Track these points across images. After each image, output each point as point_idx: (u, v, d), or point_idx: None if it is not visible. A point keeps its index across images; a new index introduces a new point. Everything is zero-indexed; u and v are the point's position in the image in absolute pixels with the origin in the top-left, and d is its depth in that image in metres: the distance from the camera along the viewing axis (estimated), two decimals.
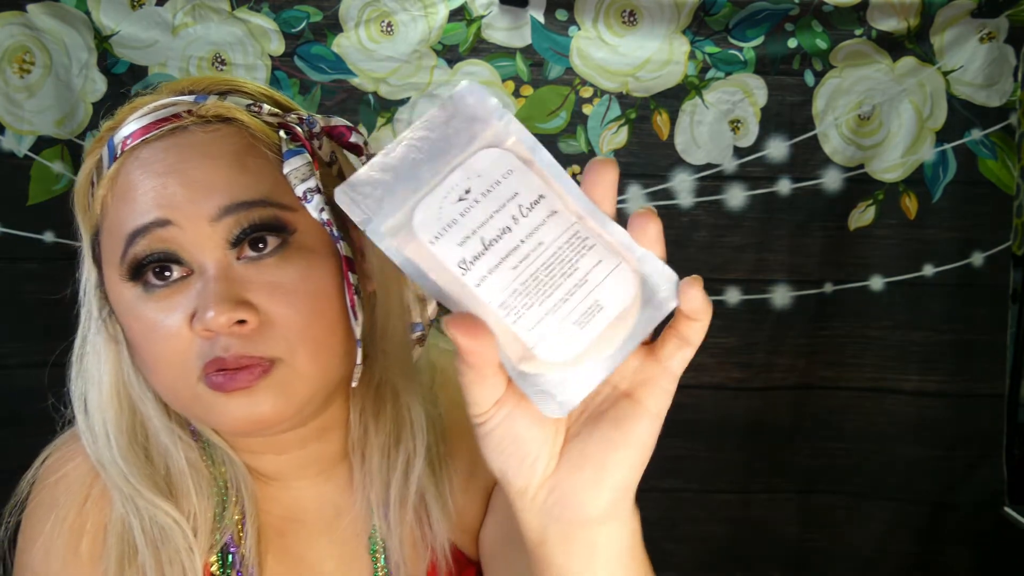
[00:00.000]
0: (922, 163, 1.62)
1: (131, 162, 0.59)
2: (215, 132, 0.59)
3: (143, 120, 0.60)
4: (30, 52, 1.58)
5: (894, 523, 1.67)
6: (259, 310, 0.55)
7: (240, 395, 0.55)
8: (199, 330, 0.55)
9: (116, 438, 0.63)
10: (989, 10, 1.55)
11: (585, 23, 1.59)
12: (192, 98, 0.61)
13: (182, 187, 0.56)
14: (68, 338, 1.78)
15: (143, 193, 0.57)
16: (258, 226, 0.56)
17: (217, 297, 0.54)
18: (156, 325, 0.57)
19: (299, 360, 0.56)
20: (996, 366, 1.65)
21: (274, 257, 0.57)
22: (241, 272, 0.56)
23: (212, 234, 0.56)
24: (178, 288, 0.57)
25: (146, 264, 0.57)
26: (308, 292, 0.57)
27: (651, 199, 1.63)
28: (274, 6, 1.57)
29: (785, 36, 1.58)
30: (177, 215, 0.56)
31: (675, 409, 1.91)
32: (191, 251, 0.57)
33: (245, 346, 0.55)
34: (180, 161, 0.57)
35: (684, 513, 1.66)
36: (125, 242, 0.58)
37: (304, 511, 0.67)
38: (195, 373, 0.56)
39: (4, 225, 1.61)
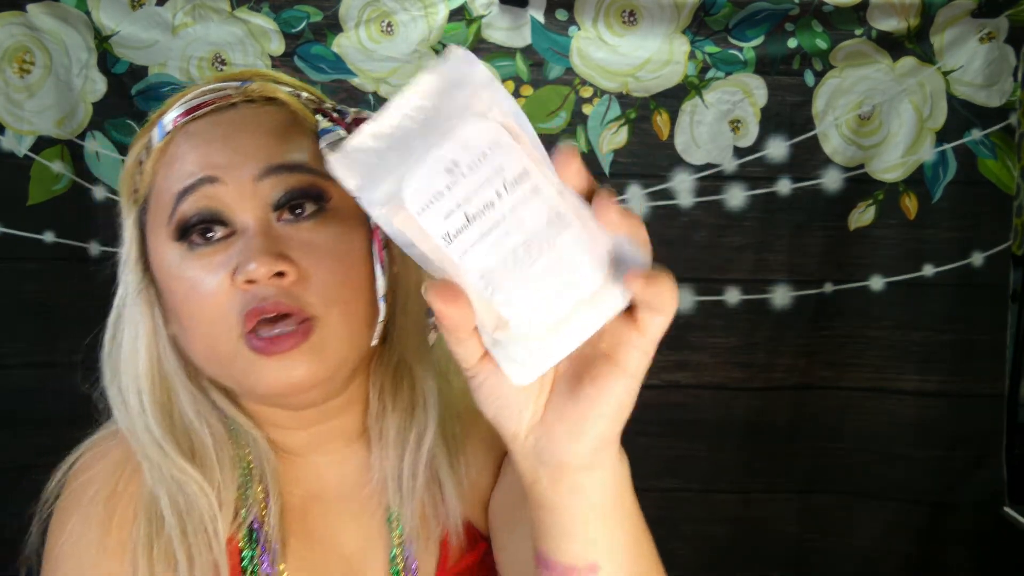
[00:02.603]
0: (922, 163, 1.62)
1: (180, 135, 0.63)
2: (262, 108, 0.64)
3: (192, 101, 0.64)
4: (30, 52, 1.58)
5: (894, 523, 1.67)
6: (298, 266, 0.58)
7: (278, 358, 0.58)
8: (240, 282, 0.58)
9: (149, 408, 0.65)
10: (989, 10, 1.55)
11: (585, 23, 1.59)
12: (238, 84, 0.65)
13: (229, 150, 0.61)
14: (68, 338, 1.78)
15: (192, 158, 0.61)
16: (297, 191, 0.60)
17: (258, 251, 0.57)
18: (199, 282, 0.59)
19: (333, 319, 0.59)
20: (996, 366, 1.65)
21: (311, 220, 0.60)
22: (280, 231, 0.60)
23: (255, 193, 0.60)
24: (221, 247, 0.60)
25: (193, 224, 0.60)
26: (341, 254, 0.61)
27: (651, 199, 1.63)
28: (274, 6, 1.57)
29: (785, 36, 1.58)
30: (223, 173, 0.60)
31: (675, 409, 1.91)
32: (234, 209, 0.60)
33: (283, 297, 0.58)
34: (227, 131, 0.62)
35: (684, 513, 1.66)
36: (174, 200, 0.61)
37: (324, 488, 0.69)
38: (236, 329, 0.58)
39: (4, 225, 1.61)
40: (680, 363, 1.65)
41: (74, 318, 1.64)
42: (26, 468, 1.66)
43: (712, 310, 1.65)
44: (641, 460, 1.80)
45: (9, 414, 1.64)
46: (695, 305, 1.64)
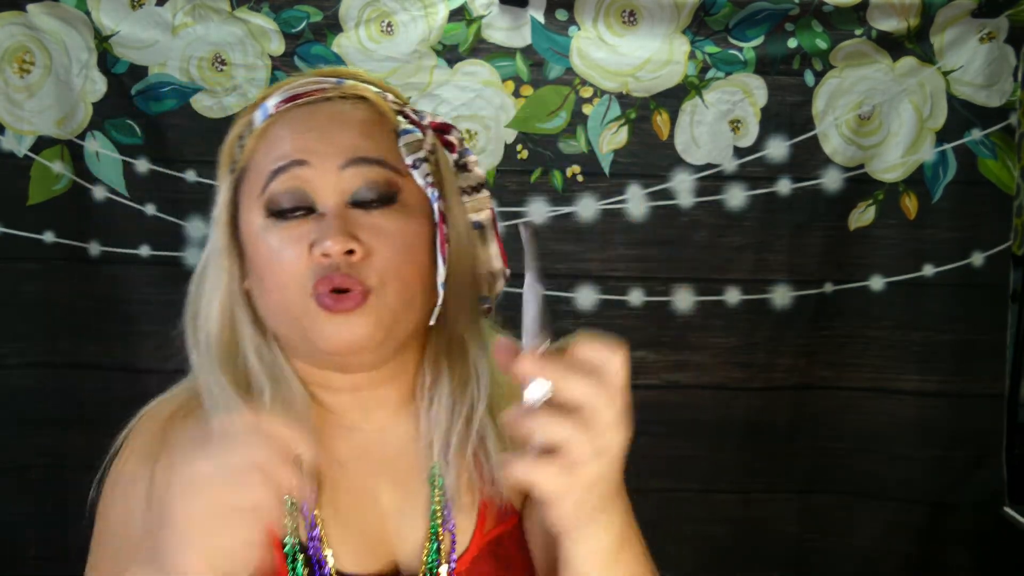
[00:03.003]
0: (922, 163, 1.62)
1: (280, 120, 0.73)
2: (354, 105, 0.73)
3: (293, 90, 0.74)
4: (30, 52, 1.58)
5: (894, 523, 1.67)
6: (365, 245, 0.68)
7: (341, 317, 0.67)
8: (317, 255, 0.67)
9: (215, 347, 0.73)
10: (989, 10, 1.55)
11: (585, 23, 1.59)
12: (335, 80, 0.74)
13: (320, 140, 0.70)
14: (68, 338, 1.79)
15: (288, 141, 0.71)
16: (373, 183, 0.70)
17: (335, 230, 0.67)
18: (281, 249, 0.69)
19: (389, 292, 0.68)
20: (996, 366, 1.65)
21: (380, 209, 0.70)
22: (353, 215, 0.69)
23: (337, 180, 0.69)
24: (301, 222, 0.69)
25: (282, 199, 0.69)
26: (403, 239, 0.70)
27: (651, 199, 1.63)
28: (274, 6, 1.57)
29: (785, 36, 1.58)
30: (312, 158, 0.69)
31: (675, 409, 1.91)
32: (317, 191, 0.69)
33: (351, 270, 0.67)
34: (321, 122, 0.72)
35: (684, 513, 1.66)
36: (267, 178, 0.70)
37: (367, 448, 0.76)
38: (308, 290, 0.67)
39: (4, 225, 1.61)
40: (680, 363, 1.65)
41: (74, 318, 1.65)
42: (26, 468, 1.66)
43: (712, 310, 1.65)
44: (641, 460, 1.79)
45: (9, 414, 1.64)
46: (695, 305, 1.64)
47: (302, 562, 0.70)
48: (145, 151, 1.61)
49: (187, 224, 1.62)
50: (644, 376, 1.65)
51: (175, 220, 1.62)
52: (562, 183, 1.63)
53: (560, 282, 1.64)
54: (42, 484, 1.65)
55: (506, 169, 1.62)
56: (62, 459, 1.64)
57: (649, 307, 1.64)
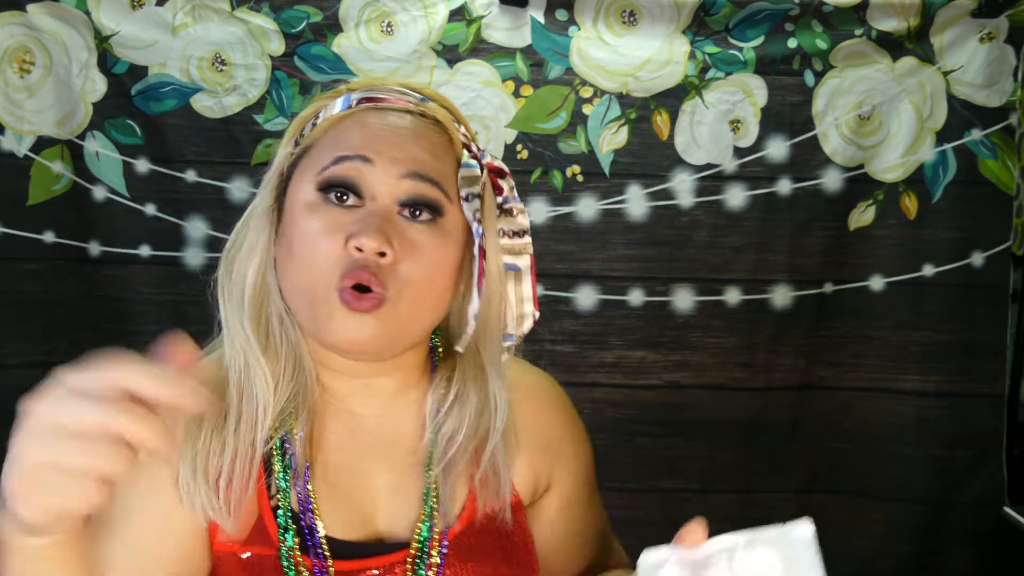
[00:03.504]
0: (922, 163, 1.62)
1: (360, 115, 0.76)
2: (428, 125, 0.77)
3: (379, 93, 0.78)
4: (30, 52, 1.58)
5: (894, 523, 1.67)
6: (397, 252, 0.70)
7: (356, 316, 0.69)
8: (352, 247, 0.69)
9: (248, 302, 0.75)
10: (989, 10, 1.55)
11: (585, 23, 1.59)
12: (420, 97, 0.79)
13: (390, 146, 0.73)
14: (68, 338, 1.79)
15: (360, 135, 0.74)
16: (423, 198, 0.73)
17: (376, 229, 0.70)
18: (321, 232, 0.71)
19: (402, 304, 0.71)
20: (996, 366, 1.65)
21: (422, 225, 0.73)
22: (396, 222, 0.72)
23: (394, 185, 0.72)
24: (347, 212, 0.72)
25: (336, 184, 0.72)
26: (433, 260, 0.73)
27: (651, 199, 1.63)
28: (274, 6, 1.57)
29: (785, 36, 1.58)
30: (377, 159, 0.72)
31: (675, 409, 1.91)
32: (372, 188, 0.72)
33: (379, 274, 0.70)
34: (397, 130, 0.75)
35: (684, 513, 1.65)
36: (332, 160, 0.73)
37: (364, 432, 0.79)
38: (334, 281, 0.70)
39: (4, 225, 1.61)
40: (680, 363, 1.65)
41: (74, 318, 1.65)
42: None
43: (712, 310, 1.65)
44: (641, 460, 1.79)
45: (9, 414, 1.64)
46: (695, 305, 1.64)
47: (294, 532, 0.72)
48: (145, 151, 1.61)
49: (187, 224, 1.62)
50: (644, 376, 1.65)
51: (175, 220, 1.62)
52: (562, 183, 1.63)
53: (560, 282, 1.64)
54: None
55: None
56: None
57: (649, 307, 1.64)
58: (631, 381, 1.65)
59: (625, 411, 1.65)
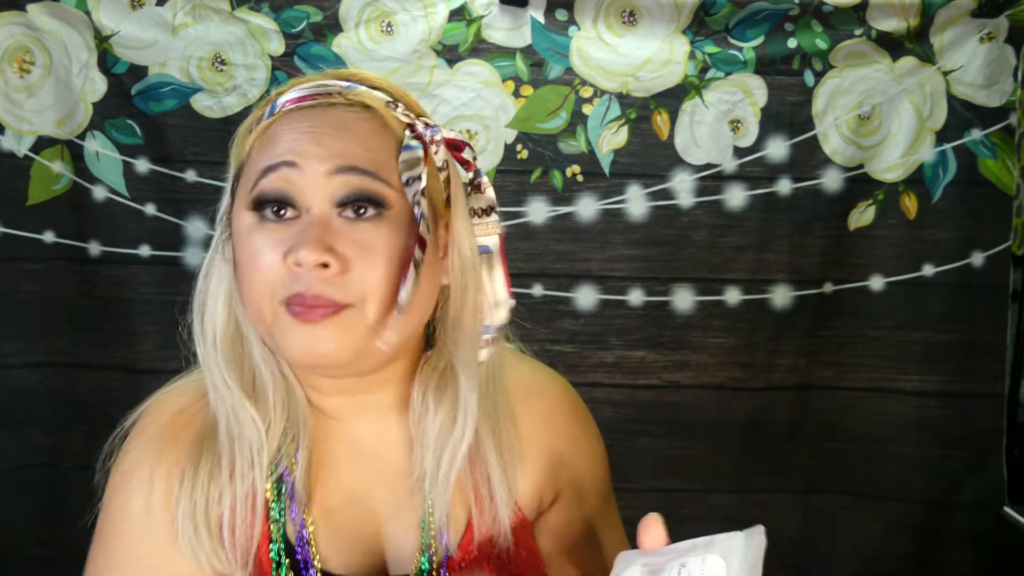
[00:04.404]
0: (922, 163, 1.62)
1: (282, 120, 0.71)
2: (358, 113, 0.71)
3: (302, 91, 0.72)
4: (30, 52, 1.58)
5: (894, 523, 1.67)
6: (343, 260, 0.65)
7: (311, 327, 0.65)
8: (290, 263, 0.65)
9: (221, 343, 0.72)
10: (989, 10, 1.55)
11: (585, 23, 1.59)
12: (346, 84, 0.72)
13: (313, 144, 0.68)
14: (68, 338, 1.79)
15: (283, 142, 0.69)
16: (360, 192, 0.67)
17: (310, 239, 0.64)
18: (259, 252, 0.67)
19: (368, 309, 0.66)
20: (996, 366, 1.65)
21: (368, 222, 0.67)
22: (338, 226, 0.66)
23: (325, 185, 0.67)
24: (285, 226, 0.67)
25: (268, 199, 0.68)
26: (389, 256, 0.66)
27: (651, 199, 1.63)
28: (274, 6, 1.57)
29: (785, 36, 1.58)
30: (302, 161, 0.67)
31: (675, 409, 1.91)
32: (305, 195, 0.67)
33: (323, 287, 0.64)
34: (319, 126, 0.69)
35: (684, 513, 1.66)
36: (258, 175, 0.68)
37: (362, 450, 0.75)
38: (279, 297, 0.66)
39: (4, 225, 1.61)
40: (680, 363, 1.65)
41: (74, 318, 1.65)
42: (26, 468, 1.66)
43: (712, 310, 1.65)
44: (641, 460, 1.80)
45: (9, 414, 1.64)
46: (695, 305, 1.64)
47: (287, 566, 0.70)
48: (145, 151, 1.61)
49: (187, 224, 1.62)
50: (644, 376, 1.65)
51: (175, 220, 1.62)
52: (562, 183, 1.63)
53: (560, 282, 1.64)
54: (42, 484, 1.65)
55: (506, 169, 1.62)
56: (62, 459, 1.64)
57: (649, 307, 1.64)
58: (631, 381, 1.65)
59: (625, 411, 1.65)
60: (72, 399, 1.65)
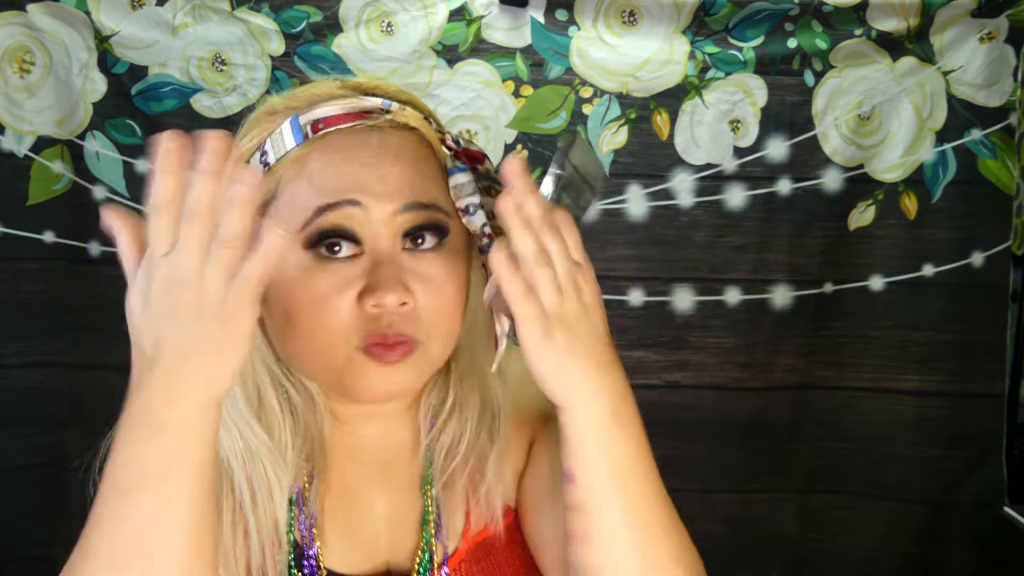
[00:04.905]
0: (922, 163, 1.62)
1: (322, 147, 0.66)
2: (403, 136, 0.68)
3: (335, 109, 0.68)
4: (30, 52, 1.58)
5: (894, 523, 1.67)
6: (415, 296, 0.65)
7: (389, 368, 0.64)
8: (370, 306, 0.63)
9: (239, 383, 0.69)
10: (989, 10, 1.55)
11: (585, 23, 1.59)
12: (380, 102, 0.69)
13: (376, 179, 0.65)
14: (68, 338, 1.78)
15: (337, 176, 0.65)
16: (427, 225, 0.66)
17: (392, 281, 0.63)
18: (326, 295, 0.64)
19: (433, 344, 0.67)
20: (996, 366, 1.65)
21: (431, 253, 0.66)
22: (404, 260, 0.65)
23: (392, 223, 0.65)
24: (348, 264, 0.65)
25: (327, 235, 0.64)
26: (451, 287, 0.67)
27: (651, 199, 1.63)
28: (274, 6, 1.57)
29: (785, 36, 1.58)
30: (366, 199, 0.64)
31: (675, 409, 1.91)
32: (370, 232, 0.65)
33: (403, 325, 0.64)
34: (376, 156, 0.66)
35: (684, 513, 1.66)
36: (313, 213, 0.64)
37: (365, 452, 0.75)
38: (355, 342, 0.64)
39: (4, 225, 1.61)
40: (680, 363, 1.65)
41: (74, 318, 1.65)
42: (26, 468, 1.66)
43: (712, 310, 1.65)
44: None
45: (9, 414, 1.64)
46: (695, 305, 1.64)
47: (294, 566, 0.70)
48: (145, 151, 1.61)
49: None
50: (644, 376, 1.65)
51: None
52: None
53: None
54: (42, 484, 1.65)
55: None
56: (62, 459, 1.64)
57: (649, 307, 1.64)
58: (631, 381, 1.65)
59: None
60: (72, 399, 1.65)
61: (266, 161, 0.68)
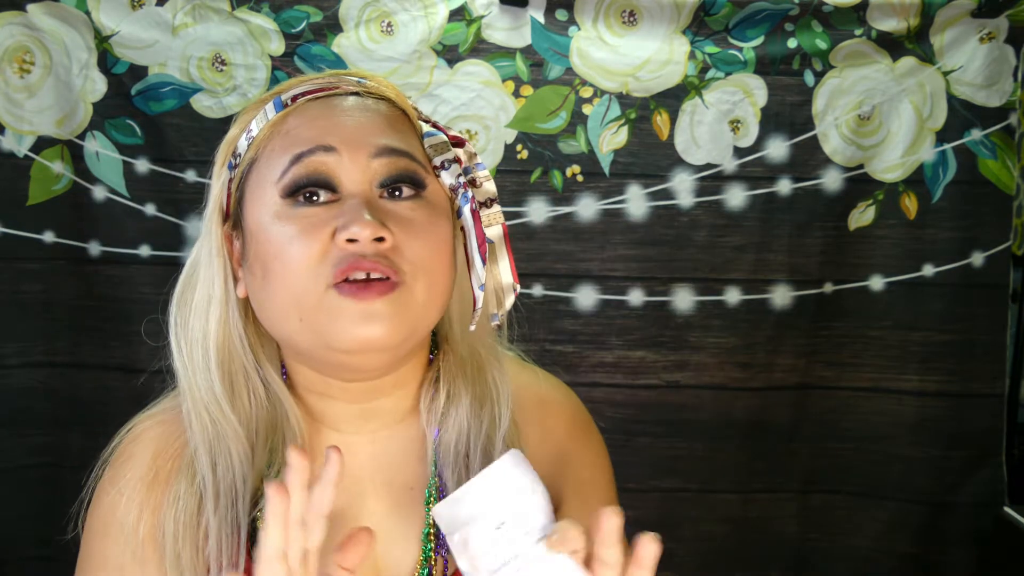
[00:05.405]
0: (922, 163, 1.62)
1: (298, 112, 0.69)
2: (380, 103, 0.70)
3: (312, 85, 0.70)
4: (30, 52, 1.58)
5: (894, 523, 1.67)
6: (394, 234, 0.64)
7: (365, 304, 0.62)
8: (342, 240, 0.62)
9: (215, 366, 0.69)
10: (989, 10, 1.55)
11: (585, 23, 1.59)
12: (357, 79, 0.72)
13: (348, 126, 0.67)
14: (68, 338, 1.78)
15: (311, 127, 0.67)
16: (402, 173, 0.67)
17: (363, 215, 0.63)
18: (298, 235, 0.63)
19: (417, 286, 0.65)
20: (996, 366, 1.65)
21: (408, 201, 0.67)
22: (382, 204, 0.66)
23: (367, 168, 0.66)
24: (324, 209, 0.65)
25: (303, 184, 0.65)
26: (433, 234, 0.67)
27: (651, 199, 1.63)
28: (274, 6, 1.57)
29: (785, 36, 1.58)
30: (340, 145, 0.65)
31: (675, 409, 1.91)
32: (344, 178, 0.65)
33: (382, 262, 0.63)
34: (346, 111, 0.68)
35: (684, 513, 1.66)
36: (289, 162, 0.65)
37: (361, 463, 0.73)
38: (326, 280, 0.63)
39: (4, 225, 1.61)
40: (680, 363, 1.65)
41: (74, 318, 1.65)
42: (25, 468, 1.66)
43: (712, 310, 1.65)
44: (641, 460, 1.80)
45: (9, 414, 1.64)
46: (695, 305, 1.64)
47: None
48: (145, 151, 1.61)
49: (187, 224, 1.62)
50: (644, 376, 1.65)
51: (175, 220, 1.62)
52: (562, 183, 1.63)
53: (560, 282, 1.64)
54: (41, 484, 1.65)
55: (506, 169, 1.62)
56: (62, 459, 1.64)
57: (649, 307, 1.64)
58: (631, 381, 1.65)
59: (625, 411, 1.65)
60: (72, 399, 1.65)
61: (250, 136, 0.70)
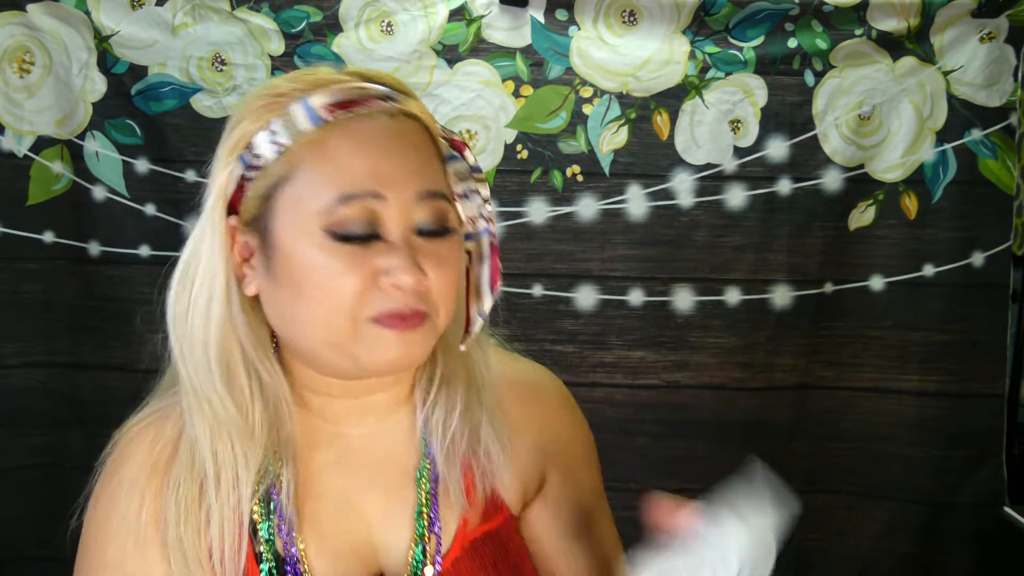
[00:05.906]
0: (922, 163, 1.62)
1: (339, 131, 0.68)
2: (410, 124, 0.71)
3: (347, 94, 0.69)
4: (30, 52, 1.58)
5: (894, 523, 1.67)
6: (428, 276, 0.68)
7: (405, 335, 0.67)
8: (388, 286, 0.66)
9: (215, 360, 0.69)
10: (989, 10, 1.55)
11: (585, 23, 1.59)
12: (385, 89, 0.71)
13: (394, 166, 0.68)
14: (68, 338, 1.78)
15: (359, 164, 0.67)
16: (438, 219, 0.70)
17: (410, 264, 0.66)
18: (341, 273, 0.66)
19: (439, 317, 0.70)
20: (996, 366, 1.65)
21: (440, 239, 0.70)
22: (417, 243, 0.68)
23: (410, 212, 0.68)
24: (363, 246, 0.67)
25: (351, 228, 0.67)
26: (455, 269, 0.71)
27: (651, 199, 1.63)
28: (274, 6, 1.57)
29: (785, 36, 1.58)
30: (388, 192, 0.67)
31: (675, 409, 1.91)
32: (390, 223, 0.68)
33: (416, 301, 0.67)
34: (391, 144, 0.69)
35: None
36: (336, 201, 0.66)
37: (353, 454, 0.75)
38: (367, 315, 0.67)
39: (4, 225, 1.62)
40: (680, 363, 1.65)
41: (74, 318, 1.65)
42: (25, 468, 1.66)
43: (712, 310, 1.65)
44: (641, 460, 1.79)
45: (9, 414, 1.64)
46: (695, 305, 1.64)
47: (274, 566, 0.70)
48: (145, 151, 1.61)
49: (187, 224, 1.62)
50: (644, 376, 1.65)
51: (175, 220, 1.62)
52: (562, 183, 1.63)
53: (560, 282, 1.64)
54: (41, 484, 1.65)
55: (506, 169, 1.62)
56: (61, 459, 1.65)
57: (649, 307, 1.64)
58: (631, 381, 1.65)
59: (625, 411, 1.65)
60: (72, 399, 1.65)
61: (277, 141, 0.68)
